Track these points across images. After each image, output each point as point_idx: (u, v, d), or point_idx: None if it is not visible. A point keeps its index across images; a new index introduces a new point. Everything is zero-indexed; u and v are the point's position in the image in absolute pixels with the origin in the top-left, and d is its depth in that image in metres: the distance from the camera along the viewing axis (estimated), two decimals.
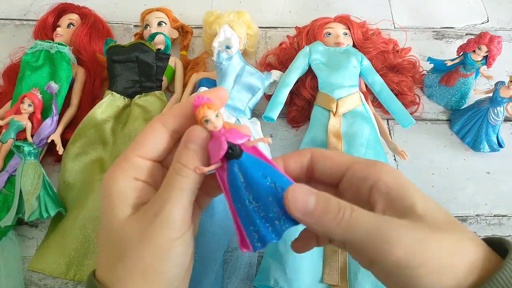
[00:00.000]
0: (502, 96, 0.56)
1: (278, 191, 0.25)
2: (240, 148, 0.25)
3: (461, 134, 0.62)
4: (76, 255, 0.47)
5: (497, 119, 0.58)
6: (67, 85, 0.59)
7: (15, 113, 0.54)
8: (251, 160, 0.25)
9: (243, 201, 0.25)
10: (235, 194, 0.25)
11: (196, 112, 0.25)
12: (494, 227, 0.55)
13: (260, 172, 0.25)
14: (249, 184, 0.25)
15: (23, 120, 0.53)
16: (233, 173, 0.25)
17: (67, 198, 0.52)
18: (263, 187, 0.25)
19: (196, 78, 0.63)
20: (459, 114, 0.63)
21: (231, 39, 0.56)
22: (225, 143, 0.25)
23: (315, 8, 0.77)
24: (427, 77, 0.66)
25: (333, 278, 0.47)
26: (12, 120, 0.53)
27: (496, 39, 0.56)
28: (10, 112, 0.55)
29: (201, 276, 0.47)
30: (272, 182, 0.25)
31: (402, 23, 0.75)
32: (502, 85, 0.56)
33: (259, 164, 0.26)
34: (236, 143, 0.25)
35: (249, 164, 0.25)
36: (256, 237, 0.25)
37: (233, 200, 0.25)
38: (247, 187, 0.25)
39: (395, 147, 0.57)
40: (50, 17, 0.66)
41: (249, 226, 0.25)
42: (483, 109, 0.59)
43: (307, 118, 0.62)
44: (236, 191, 0.25)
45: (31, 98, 0.54)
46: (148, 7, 0.68)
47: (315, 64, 0.60)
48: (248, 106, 0.58)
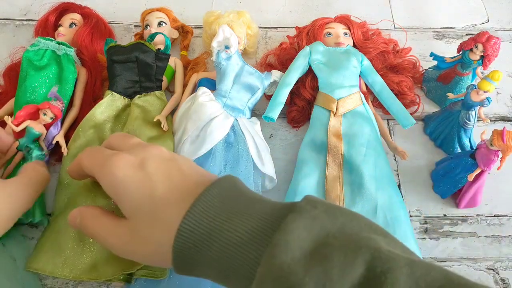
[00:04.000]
0: (473, 100, 0.54)
1: None
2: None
3: (433, 136, 0.62)
4: (71, 254, 0.47)
5: (469, 122, 0.56)
6: (72, 87, 0.59)
7: (29, 118, 0.53)
8: None
9: None
10: None
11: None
12: (494, 227, 0.55)
13: None
14: None
15: (40, 130, 0.52)
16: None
17: (63, 198, 0.52)
18: None
19: (196, 78, 0.63)
20: (432, 117, 0.62)
21: (230, 39, 0.56)
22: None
23: (315, 8, 0.77)
24: (427, 72, 0.66)
25: None
26: (29, 128, 0.52)
27: (494, 40, 0.56)
28: (23, 116, 0.52)
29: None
30: None
31: (402, 23, 0.75)
32: (473, 89, 0.54)
33: None
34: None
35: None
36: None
37: None
38: None
39: (395, 147, 0.57)
40: (51, 16, 0.66)
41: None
42: (455, 112, 0.58)
43: (307, 118, 0.62)
44: None
45: (55, 113, 0.53)
46: (148, 7, 0.68)
47: (315, 64, 0.60)
48: (248, 106, 0.58)
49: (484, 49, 0.57)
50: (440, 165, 0.58)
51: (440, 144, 0.61)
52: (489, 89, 0.52)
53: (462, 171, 0.54)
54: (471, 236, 0.54)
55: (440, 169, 0.57)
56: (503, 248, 0.53)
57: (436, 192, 0.57)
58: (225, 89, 0.57)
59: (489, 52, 0.57)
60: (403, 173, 0.59)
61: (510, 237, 0.54)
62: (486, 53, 0.57)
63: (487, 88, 0.52)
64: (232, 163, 0.53)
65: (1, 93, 0.62)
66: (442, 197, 0.57)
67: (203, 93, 0.56)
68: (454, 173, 0.54)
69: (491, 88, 0.52)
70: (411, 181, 0.58)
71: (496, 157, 0.50)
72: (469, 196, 0.54)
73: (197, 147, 0.52)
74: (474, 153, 0.53)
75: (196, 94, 0.57)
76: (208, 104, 0.55)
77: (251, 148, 0.54)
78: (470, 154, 0.53)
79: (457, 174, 0.54)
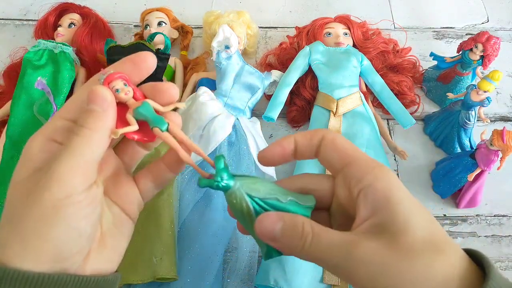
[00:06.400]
0: (473, 100, 0.54)
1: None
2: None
3: (433, 136, 0.62)
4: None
5: (469, 122, 0.56)
6: (69, 86, 0.59)
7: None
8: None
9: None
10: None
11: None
12: (494, 227, 0.55)
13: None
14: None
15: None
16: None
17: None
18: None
19: (196, 78, 0.63)
20: (432, 117, 0.62)
21: (230, 38, 0.56)
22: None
23: (315, 8, 0.77)
24: (427, 72, 0.66)
25: (333, 278, 0.47)
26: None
27: (494, 40, 0.56)
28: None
29: (201, 276, 0.47)
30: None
31: (402, 23, 0.75)
32: (473, 89, 0.54)
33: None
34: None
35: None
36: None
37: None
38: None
39: (395, 147, 0.57)
40: (51, 16, 0.66)
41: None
42: (455, 112, 0.58)
43: (307, 118, 0.62)
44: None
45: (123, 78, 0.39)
46: (148, 7, 0.68)
47: (315, 64, 0.60)
48: (248, 105, 0.58)
49: (484, 49, 0.57)
50: (440, 165, 0.58)
51: (440, 144, 0.61)
52: (489, 89, 0.52)
53: (462, 171, 0.54)
54: (471, 236, 0.54)
55: (440, 169, 0.57)
56: (503, 248, 0.53)
57: (436, 192, 0.57)
58: (226, 89, 0.57)
59: (489, 52, 0.57)
60: (403, 173, 0.59)
61: (510, 237, 0.54)
62: (486, 53, 0.57)
63: (487, 88, 0.52)
64: (234, 162, 0.53)
65: (1, 93, 0.62)
66: (442, 197, 0.57)
67: (203, 92, 0.56)
68: (454, 173, 0.54)
69: (491, 88, 0.52)
70: (411, 181, 0.58)
71: (496, 157, 0.50)
72: (469, 196, 0.54)
73: (202, 147, 0.52)
74: (474, 153, 0.53)
75: (197, 93, 0.57)
76: (209, 104, 0.55)
77: (252, 148, 0.54)
78: (470, 154, 0.53)
79: (457, 174, 0.54)
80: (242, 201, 0.25)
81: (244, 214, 0.25)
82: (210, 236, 0.49)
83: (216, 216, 0.50)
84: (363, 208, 0.24)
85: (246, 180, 0.25)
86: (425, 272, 0.21)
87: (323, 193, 0.27)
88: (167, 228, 0.48)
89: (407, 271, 0.21)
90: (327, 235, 0.23)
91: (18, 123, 0.56)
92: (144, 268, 0.46)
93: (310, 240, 0.23)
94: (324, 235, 0.23)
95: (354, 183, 0.24)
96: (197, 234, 0.49)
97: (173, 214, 0.49)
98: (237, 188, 0.25)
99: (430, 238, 0.22)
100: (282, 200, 0.25)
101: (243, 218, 0.25)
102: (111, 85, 0.24)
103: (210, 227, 0.49)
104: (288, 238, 0.24)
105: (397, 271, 0.21)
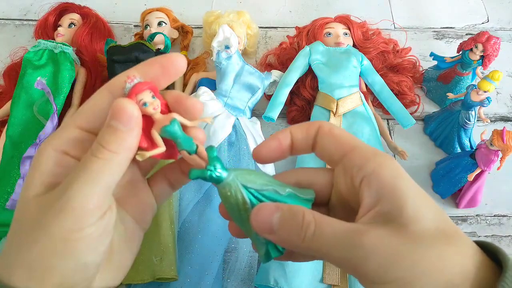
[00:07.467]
0: (473, 100, 0.54)
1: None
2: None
3: (433, 136, 0.62)
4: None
5: (469, 122, 0.56)
6: (69, 85, 0.59)
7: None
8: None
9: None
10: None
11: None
12: (494, 227, 0.55)
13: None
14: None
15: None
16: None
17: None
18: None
19: (196, 78, 0.63)
20: (432, 117, 0.62)
21: (230, 38, 0.56)
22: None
23: (315, 8, 0.77)
24: (427, 72, 0.66)
25: (333, 278, 0.47)
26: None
27: (494, 40, 0.56)
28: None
29: (201, 276, 0.47)
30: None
31: (402, 23, 0.75)
32: (473, 89, 0.54)
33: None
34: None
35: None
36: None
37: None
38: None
39: (395, 147, 0.57)
40: (51, 16, 0.66)
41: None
42: (455, 112, 0.58)
43: (307, 118, 0.62)
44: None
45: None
46: (148, 7, 0.68)
47: (315, 64, 0.60)
48: (248, 105, 0.58)
49: (484, 49, 0.57)
50: (440, 165, 0.58)
51: (440, 144, 0.61)
52: (489, 89, 0.52)
53: (462, 171, 0.54)
54: (471, 236, 0.54)
55: (440, 169, 0.57)
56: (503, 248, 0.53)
57: (436, 192, 0.57)
58: (226, 89, 0.57)
59: (489, 52, 0.57)
60: None
61: (510, 237, 0.54)
62: (486, 53, 0.57)
63: (487, 88, 0.52)
64: (233, 162, 0.53)
65: (1, 93, 0.62)
66: (442, 197, 0.57)
67: (203, 92, 0.56)
68: (454, 173, 0.54)
69: (491, 88, 0.52)
70: None
71: (496, 157, 0.50)
72: (469, 196, 0.54)
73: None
74: (474, 153, 0.53)
75: (197, 93, 0.57)
76: (209, 103, 0.55)
77: (252, 148, 0.54)
78: (470, 154, 0.53)
79: (457, 174, 0.54)
80: (238, 193, 0.22)
81: (240, 207, 0.23)
82: (210, 236, 0.49)
83: (216, 216, 0.50)
84: (367, 196, 0.22)
85: (241, 171, 0.23)
86: (439, 263, 0.20)
87: (320, 187, 0.26)
88: (167, 228, 0.48)
89: (420, 261, 0.20)
90: (330, 224, 0.22)
91: (18, 123, 0.56)
92: (144, 268, 0.46)
93: (312, 230, 0.21)
94: (327, 224, 0.22)
95: (356, 171, 0.23)
96: (197, 234, 0.49)
97: (173, 214, 0.49)
98: (231, 179, 0.23)
99: (441, 228, 0.21)
100: (280, 191, 0.23)
101: (239, 213, 0.23)
102: (139, 97, 0.21)
103: (210, 227, 0.49)
104: (287, 229, 0.22)
105: (410, 261, 0.20)
